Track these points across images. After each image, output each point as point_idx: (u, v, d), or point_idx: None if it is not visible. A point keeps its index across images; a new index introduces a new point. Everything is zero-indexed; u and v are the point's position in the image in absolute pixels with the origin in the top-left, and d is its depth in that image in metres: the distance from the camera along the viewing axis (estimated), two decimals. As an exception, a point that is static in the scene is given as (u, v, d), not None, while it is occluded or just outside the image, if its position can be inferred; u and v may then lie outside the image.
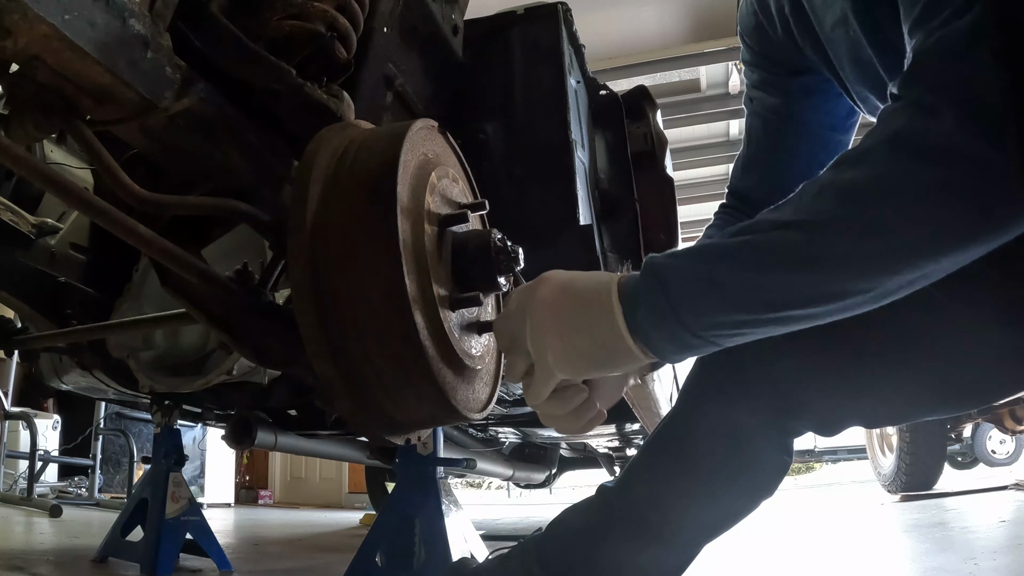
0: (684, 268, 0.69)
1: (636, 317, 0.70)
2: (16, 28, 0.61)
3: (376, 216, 0.74)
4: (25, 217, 1.40)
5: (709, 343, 0.69)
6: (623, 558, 0.89)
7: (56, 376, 1.96)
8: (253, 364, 1.43)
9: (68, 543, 2.44)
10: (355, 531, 3.93)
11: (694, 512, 0.89)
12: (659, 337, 0.70)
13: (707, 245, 0.70)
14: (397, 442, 0.85)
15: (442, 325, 0.77)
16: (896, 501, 4.32)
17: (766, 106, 1.12)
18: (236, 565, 2.06)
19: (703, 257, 0.69)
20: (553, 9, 1.64)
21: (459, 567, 1.08)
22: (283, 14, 0.93)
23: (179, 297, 0.94)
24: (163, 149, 0.88)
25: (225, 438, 1.86)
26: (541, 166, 1.54)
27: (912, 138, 0.60)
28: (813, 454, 9.89)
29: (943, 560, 1.94)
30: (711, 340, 0.69)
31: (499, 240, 0.83)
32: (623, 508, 0.91)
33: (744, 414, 0.85)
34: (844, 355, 0.84)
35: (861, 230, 0.61)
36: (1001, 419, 4.54)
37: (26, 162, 0.74)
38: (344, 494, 7.43)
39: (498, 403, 1.36)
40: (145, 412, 2.45)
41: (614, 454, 4.61)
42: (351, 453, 2.71)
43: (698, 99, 6.34)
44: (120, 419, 5.00)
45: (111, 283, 1.64)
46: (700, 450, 0.88)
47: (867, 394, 0.85)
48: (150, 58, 0.75)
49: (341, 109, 0.97)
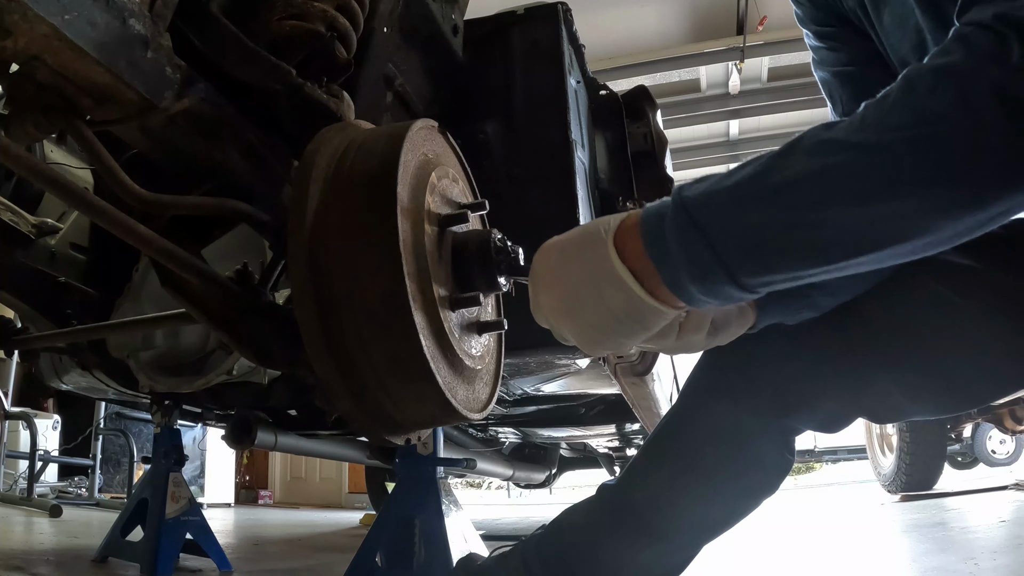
0: (732, 212, 0.59)
1: (674, 272, 0.61)
2: (16, 28, 0.61)
3: (376, 216, 0.73)
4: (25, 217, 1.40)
5: (755, 294, 0.63)
6: (624, 556, 0.90)
7: (56, 376, 1.96)
8: (253, 364, 1.43)
9: (68, 543, 2.44)
10: (355, 531, 3.93)
11: (695, 510, 0.89)
12: (700, 292, 0.61)
13: (755, 174, 0.60)
14: (397, 442, 0.85)
15: (442, 325, 0.77)
16: (896, 501, 4.31)
17: (833, 60, 1.01)
18: (236, 565, 2.06)
19: (755, 192, 0.59)
20: (553, 9, 1.64)
21: (467, 562, 1.09)
22: (283, 14, 0.93)
23: (179, 297, 0.94)
24: (163, 149, 0.88)
25: (225, 438, 1.86)
26: (541, 166, 1.54)
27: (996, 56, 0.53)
28: (813, 454, 9.88)
29: (943, 560, 1.94)
30: (759, 292, 0.62)
31: (499, 240, 0.83)
32: (624, 507, 0.91)
33: (746, 412, 0.85)
34: (846, 353, 0.84)
35: (951, 150, 0.53)
36: (1001, 419, 4.53)
37: (26, 162, 0.74)
38: (344, 494, 7.43)
39: (498, 403, 1.36)
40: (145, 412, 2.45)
41: (614, 454, 4.61)
42: (351, 453, 2.71)
43: (698, 99, 6.34)
44: (120, 419, 5.00)
45: (111, 283, 1.64)
46: (702, 448, 0.88)
47: (868, 392, 0.85)
48: (150, 58, 0.75)
49: (341, 109, 0.97)
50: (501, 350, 0.99)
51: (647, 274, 0.63)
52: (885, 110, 0.57)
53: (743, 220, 0.59)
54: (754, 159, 0.62)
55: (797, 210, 0.57)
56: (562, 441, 4.11)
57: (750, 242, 0.59)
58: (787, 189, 0.58)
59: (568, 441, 4.11)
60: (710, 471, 0.87)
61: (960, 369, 0.83)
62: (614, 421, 2.94)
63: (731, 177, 0.62)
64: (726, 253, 0.59)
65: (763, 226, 0.58)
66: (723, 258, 0.59)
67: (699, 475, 0.88)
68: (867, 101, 0.59)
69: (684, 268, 0.61)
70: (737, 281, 0.60)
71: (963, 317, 0.80)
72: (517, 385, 1.84)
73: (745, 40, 5.42)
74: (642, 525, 0.89)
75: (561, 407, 2.68)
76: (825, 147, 0.58)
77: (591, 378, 1.91)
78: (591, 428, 3.15)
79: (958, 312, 0.80)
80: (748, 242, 0.59)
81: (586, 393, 2.45)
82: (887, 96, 0.58)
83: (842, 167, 0.56)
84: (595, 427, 3.11)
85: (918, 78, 0.56)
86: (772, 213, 0.58)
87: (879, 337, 0.83)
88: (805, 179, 0.57)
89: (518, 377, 1.74)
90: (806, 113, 6.46)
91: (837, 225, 0.57)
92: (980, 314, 0.80)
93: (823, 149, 0.58)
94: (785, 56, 5.76)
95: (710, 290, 0.61)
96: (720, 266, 0.60)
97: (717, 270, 0.60)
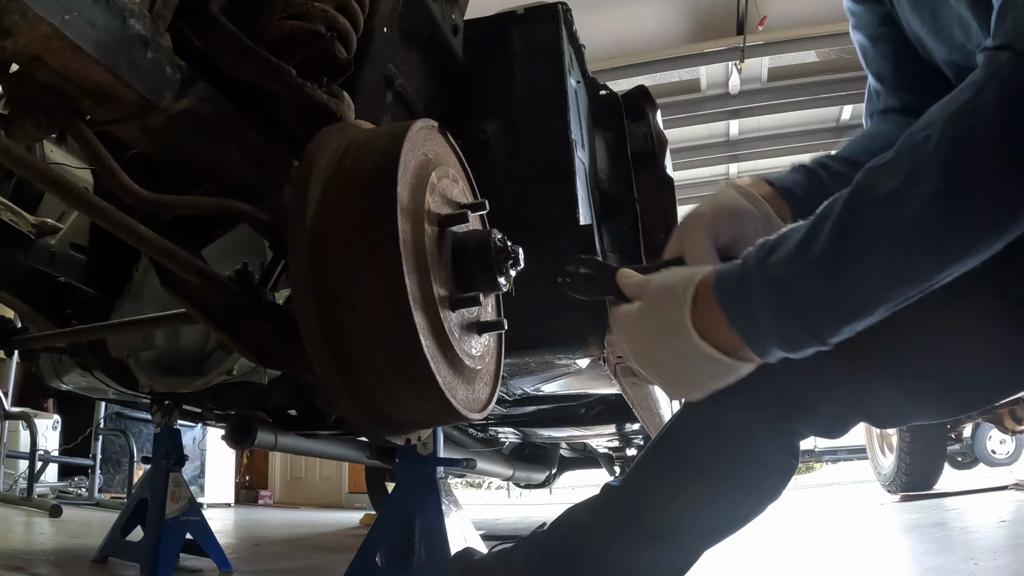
0: (820, 294, 0.64)
1: (763, 344, 0.67)
2: (16, 28, 0.61)
3: (376, 216, 0.73)
4: (25, 217, 1.40)
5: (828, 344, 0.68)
6: (625, 558, 0.89)
7: (56, 376, 1.96)
8: (253, 364, 1.43)
9: (68, 543, 2.44)
10: (355, 531, 3.93)
11: (698, 514, 0.89)
12: (784, 353, 0.68)
13: (832, 248, 0.63)
14: (397, 442, 0.85)
15: (442, 325, 0.77)
16: (896, 501, 4.31)
17: (869, 22, 1.03)
18: (236, 565, 2.06)
19: (828, 261, 0.63)
20: (553, 9, 1.64)
21: (463, 557, 1.08)
22: (283, 14, 0.93)
23: (179, 297, 0.94)
24: (163, 149, 0.88)
25: (225, 438, 1.86)
26: (541, 166, 1.54)
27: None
28: (813, 454, 9.88)
29: (943, 560, 1.94)
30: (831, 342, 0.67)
31: (499, 240, 0.83)
32: (627, 508, 0.91)
33: (750, 416, 0.85)
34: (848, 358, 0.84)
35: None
36: (1001, 419, 4.53)
37: (26, 162, 0.74)
38: (344, 494, 7.43)
39: (498, 403, 1.36)
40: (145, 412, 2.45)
41: (614, 454, 4.61)
42: (351, 453, 2.71)
43: (698, 99, 6.33)
44: (120, 419, 4.99)
45: (111, 283, 1.64)
46: (706, 451, 0.87)
47: (871, 396, 0.85)
48: (150, 58, 0.75)
49: (341, 109, 0.97)
50: (501, 350, 0.99)
51: (733, 346, 0.68)
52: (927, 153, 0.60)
53: (832, 304, 0.64)
54: (822, 220, 0.65)
55: (883, 288, 0.63)
56: (562, 441, 4.11)
57: (839, 315, 0.65)
58: (869, 271, 0.63)
59: (568, 441, 4.11)
60: (713, 474, 0.87)
61: (961, 373, 0.82)
62: (614, 421, 2.94)
63: (808, 250, 0.65)
64: (818, 328, 0.65)
65: (851, 301, 0.64)
66: (815, 332, 0.65)
67: (702, 478, 0.87)
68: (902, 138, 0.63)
69: (775, 342, 0.67)
70: (824, 342, 0.66)
71: (963, 320, 0.80)
72: (517, 385, 1.84)
73: (745, 40, 5.41)
74: (645, 527, 0.89)
75: (561, 407, 2.68)
76: (891, 213, 0.61)
77: (591, 378, 1.91)
78: (591, 428, 3.15)
79: (958, 315, 0.80)
80: (837, 316, 0.65)
81: (586, 393, 2.45)
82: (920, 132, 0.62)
83: (914, 231, 0.61)
84: (595, 427, 3.11)
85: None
86: (859, 292, 0.63)
87: (880, 342, 0.82)
88: (884, 256, 0.62)
89: (518, 377, 1.74)
90: (806, 113, 6.46)
91: (920, 279, 0.63)
92: (980, 317, 0.79)
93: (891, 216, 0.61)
94: (785, 56, 5.76)
95: (795, 351, 0.67)
96: (811, 337, 0.65)
97: (809, 340, 0.66)
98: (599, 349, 1.50)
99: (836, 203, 0.65)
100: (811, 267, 0.64)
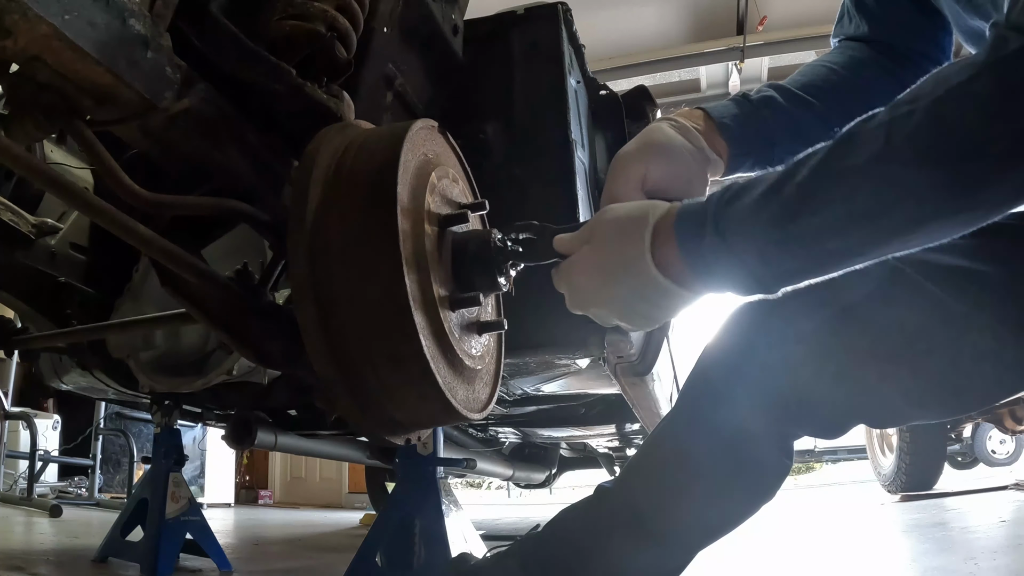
0: (771, 249, 0.65)
1: (709, 282, 0.69)
2: (16, 28, 0.61)
3: (376, 216, 0.73)
4: (25, 217, 1.40)
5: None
6: (620, 559, 0.89)
7: (56, 376, 1.96)
8: (253, 364, 1.43)
9: (68, 543, 2.44)
10: (355, 531, 3.93)
11: (693, 514, 0.89)
12: (732, 292, 0.70)
13: (788, 205, 0.64)
14: (397, 442, 0.85)
15: (442, 325, 0.77)
16: (896, 501, 4.31)
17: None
18: (236, 565, 2.06)
19: (785, 222, 0.64)
20: (553, 9, 1.64)
21: (459, 562, 1.08)
22: (283, 14, 0.93)
23: (179, 297, 0.94)
24: (163, 149, 0.88)
25: (225, 438, 1.86)
26: (541, 166, 1.53)
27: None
28: (813, 454, 9.88)
29: (943, 560, 1.94)
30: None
31: (499, 240, 0.83)
32: (621, 508, 0.91)
33: (745, 416, 0.85)
34: (845, 358, 0.84)
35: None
36: (1001, 419, 4.53)
37: (26, 162, 0.74)
38: (344, 494, 7.43)
39: (498, 403, 1.36)
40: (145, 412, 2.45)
41: (614, 454, 4.61)
42: (351, 453, 2.71)
43: (698, 99, 6.33)
44: (120, 419, 4.99)
45: (111, 283, 1.64)
46: (700, 451, 0.88)
47: (868, 396, 0.85)
48: (150, 58, 0.75)
49: (341, 109, 0.97)
50: (501, 350, 0.99)
51: (687, 280, 0.70)
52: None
53: (780, 263, 0.66)
54: (788, 173, 0.65)
55: (832, 257, 0.65)
56: (562, 441, 4.10)
57: (786, 273, 0.67)
58: (821, 238, 0.63)
59: (568, 441, 4.11)
60: (708, 474, 0.87)
61: (960, 373, 0.82)
62: (614, 421, 2.93)
63: (767, 204, 0.65)
64: (765, 280, 0.67)
65: (798, 262, 0.66)
66: (763, 283, 0.67)
67: (697, 478, 0.87)
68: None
69: (726, 286, 0.69)
70: (769, 291, 0.68)
71: (961, 320, 0.80)
72: (517, 385, 1.84)
73: (745, 40, 5.42)
74: (639, 527, 0.89)
75: (561, 407, 2.68)
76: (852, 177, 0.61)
77: (591, 378, 1.91)
78: (591, 428, 3.15)
79: (956, 316, 0.80)
80: (784, 273, 0.67)
81: (586, 393, 2.45)
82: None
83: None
84: (595, 427, 3.11)
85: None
86: (807, 256, 0.65)
87: (878, 342, 0.82)
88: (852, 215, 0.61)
89: (518, 377, 1.74)
90: (806, 113, 6.45)
91: (870, 255, 0.64)
92: (978, 317, 0.79)
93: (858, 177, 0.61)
94: (785, 56, 5.75)
95: (744, 294, 0.70)
96: (759, 286, 0.68)
97: (756, 289, 0.68)
98: (599, 349, 1.50)
99: (809, 160, 0.64)
100: (768, 223, 0.65)
